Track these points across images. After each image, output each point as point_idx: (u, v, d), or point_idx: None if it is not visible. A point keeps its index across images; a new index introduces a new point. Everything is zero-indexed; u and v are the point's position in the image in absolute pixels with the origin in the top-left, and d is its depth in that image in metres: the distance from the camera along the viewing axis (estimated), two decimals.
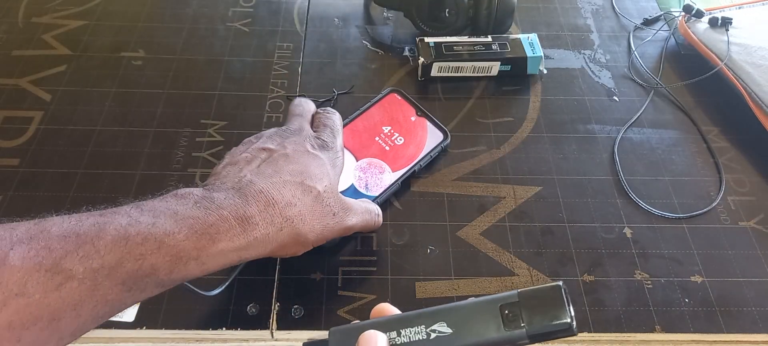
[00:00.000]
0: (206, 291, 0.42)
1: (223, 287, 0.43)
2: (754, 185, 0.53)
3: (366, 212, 0.44)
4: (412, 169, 0.52)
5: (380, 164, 0.51)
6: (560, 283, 0.27)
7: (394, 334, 0.28)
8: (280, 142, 0.42)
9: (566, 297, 0.27)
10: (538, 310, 0.27)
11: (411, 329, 0.28)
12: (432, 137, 0.54)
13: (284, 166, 0.40)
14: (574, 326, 0.26)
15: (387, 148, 0.53)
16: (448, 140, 0.54)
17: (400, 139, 0.53)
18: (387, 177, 0.51)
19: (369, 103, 0.56)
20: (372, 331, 0.29)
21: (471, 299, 0.28)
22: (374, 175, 0.51)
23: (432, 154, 0.53)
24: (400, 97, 0.57)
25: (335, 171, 0.43)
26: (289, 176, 0.39)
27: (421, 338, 0.28)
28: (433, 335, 0.28)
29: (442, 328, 0.28)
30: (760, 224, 0.50)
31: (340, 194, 0.42)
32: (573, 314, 0.26)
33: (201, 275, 0.35)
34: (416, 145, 0.53)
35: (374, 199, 0.49)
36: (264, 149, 0.41)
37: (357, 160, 0.52)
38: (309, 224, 0.39)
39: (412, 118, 0.55)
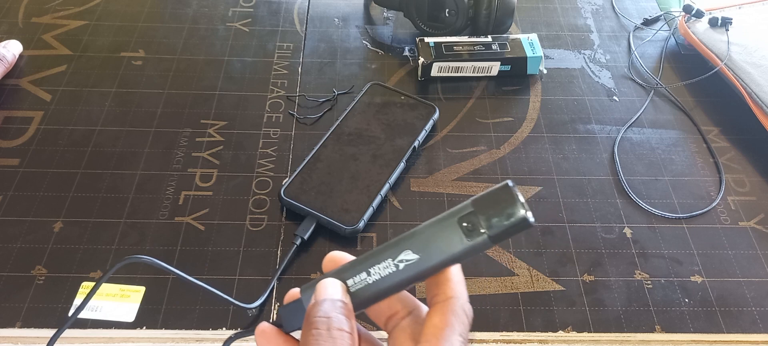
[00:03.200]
0: (247, 303, 0.43)
1: (264, 297, 0.44)
2: (754, 185, 0.53)
3: None
4: (413, 147, 0.53)
5: None
6: (508, 182, 0.28)
7: (364, 275, 0.29)
8: None
9: (516, 193, 0.27)
10: (493, 212, 0.27)
11: (379, 266, 0.29)
12: (422, 115, 0.56)
13: None
14: (529, 216, 0.27)
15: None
16: (437, 113, 0.56)
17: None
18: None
19: (354, 102, 0.57)
20: (326, 279, 0.29)
21: (429, 221, 0.29)
22: None
23: (426, 129, 0.55)
24: (382, 88, 0.58)
25: None
26: None
27: (391, 271, 0.28)
28: (402, 265, 0.28)
29: (409, 256, 0.28)
30: (760, 224, 0.50)
31: None
32: (525, 205, 0.27)
33: None
34: (410, 128, 0.55)
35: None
36: None
37: None
38: None
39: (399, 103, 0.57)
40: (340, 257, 0.31)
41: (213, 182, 0.52)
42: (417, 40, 0.62)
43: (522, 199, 0.27)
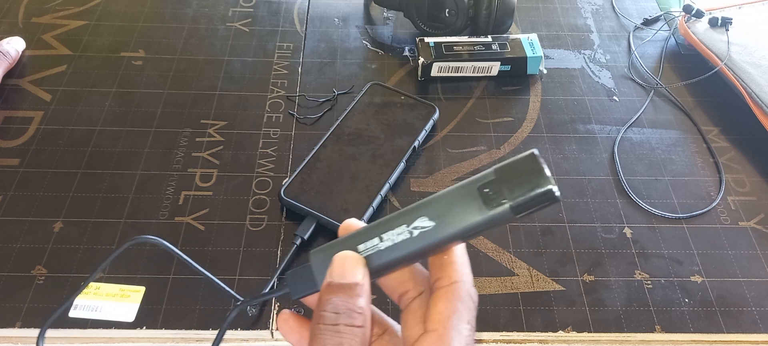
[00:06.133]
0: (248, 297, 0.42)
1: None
2: (754, 184, 0.53)
3: None
4: (413, 147, 0.53)
5: None
6: (534, 150, 0.26)
7: (376, 240, 0.27)
8: None
9: (543, 164, 0.25)
10: (517, 182, 0.25)
11: (393, 232, 0.27)
12: (422, 115, 0.56)
13: None
14: (555, 190, 0.25)
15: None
16: (437, 113, 0.56)
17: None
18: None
19: (354, 102, 0.57)
20: (343, 253, 0.27)
21: (448, 188, 0.27)
22: None
23: (426, 129, 0.55)
24: (382, 88, 0.58)
25: None
26: None
27: (404, 238, 0.27)
28: (416, 232, 0.26)
29: (424, 223, 0.26)
30: (760, 224, 0.50)
31: None
32: (552, 178, 0.25)
33: None
34: (410, 128, 0.55)
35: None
36: None
37: None
38: None
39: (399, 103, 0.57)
40: (355, 225, 0.29)
41: (213, 182, 0.52)
42: (417, 40, 0.62)
43: (548, 171, 0.25)
